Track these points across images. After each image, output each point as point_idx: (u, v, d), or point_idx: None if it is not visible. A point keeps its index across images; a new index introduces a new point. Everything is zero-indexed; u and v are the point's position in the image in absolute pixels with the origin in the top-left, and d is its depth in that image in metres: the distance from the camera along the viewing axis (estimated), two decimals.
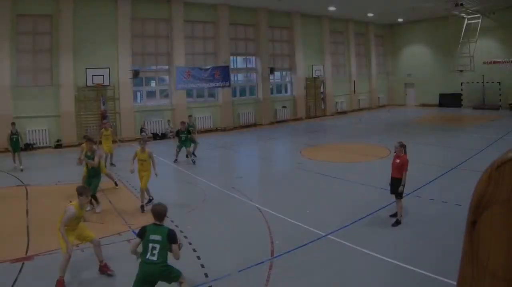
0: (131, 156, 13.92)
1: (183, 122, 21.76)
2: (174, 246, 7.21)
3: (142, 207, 13.08)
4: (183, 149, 20.89)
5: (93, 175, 13.47)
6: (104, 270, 8.80)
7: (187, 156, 20.88)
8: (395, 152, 11.63)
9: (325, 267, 8.74)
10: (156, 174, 13.29)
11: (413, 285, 8.06)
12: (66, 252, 8.21)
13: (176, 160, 21.13)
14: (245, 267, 8.81)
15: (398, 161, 11.24)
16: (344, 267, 8.85)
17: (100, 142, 15.39)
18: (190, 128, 21.54)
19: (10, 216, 12.84)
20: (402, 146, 11.38)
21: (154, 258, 7.03)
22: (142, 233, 7.32)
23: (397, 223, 11.04)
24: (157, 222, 7.39)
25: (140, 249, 7.33)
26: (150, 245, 7.11)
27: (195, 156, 21.50)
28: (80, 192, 8.72)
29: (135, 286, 7.07)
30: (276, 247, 9.84)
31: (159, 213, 7.44)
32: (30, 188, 16.36)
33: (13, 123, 21.09)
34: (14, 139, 20.09)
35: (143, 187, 13.24)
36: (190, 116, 25.06)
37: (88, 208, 12.15)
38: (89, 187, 11.64)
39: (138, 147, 13.70)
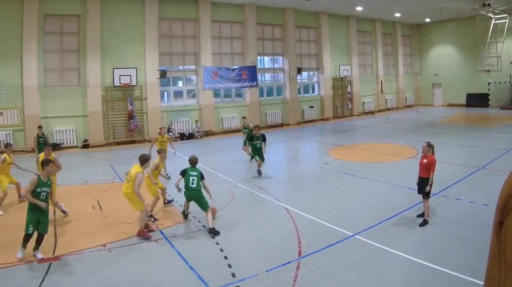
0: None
1: (257, 127, 18.04)
2: (204, 181, 11.16)
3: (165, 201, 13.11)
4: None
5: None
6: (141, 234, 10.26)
7: (259, 172, 16.88)
8: (422, 152, 11.28)
9: (352, 267, 8.37)
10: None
11: (440, 284, 7.59)
12: (144, 206, 10.31)
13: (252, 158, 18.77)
14: (272, 267, 8.46)
15: (425, 160, 10.87)
16: (371, 267, 8.41)
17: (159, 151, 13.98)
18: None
19: None
20: (430, 146, 11.03)
21: (194, 186, 10.92)
22: (184, 172, 11.15)
23: (424, 223, 10.61)
24: (193, 166, 11.35)
25: (182, 183, 11.09)
26: (191, 178, 10.97)
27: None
28: (142, 160, 10.83)
29: (185, 203, 11.47)
30: (304, 247, 9.45)
31: (194, 160, 11.52)
32: (57, 188, 14.50)
33: (40, 127, 20.01)
34: (41, 142, 18.76)
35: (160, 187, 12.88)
36: (244, 118, 24.36)
37: None
38: None
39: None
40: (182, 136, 29.16)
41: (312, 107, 36.92)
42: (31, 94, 24.68)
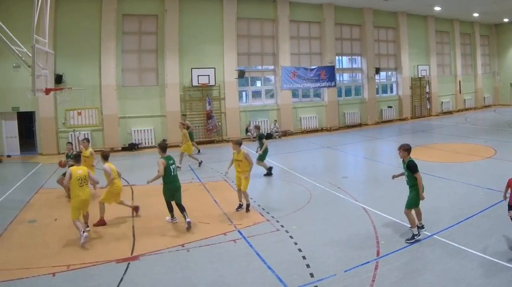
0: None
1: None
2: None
3: (247, 206, 10.56)
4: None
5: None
6: None
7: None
8: None
9: (430, 267, 7.02)
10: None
11: None
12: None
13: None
14: (350, 267, 7.16)
15: None
16: (450, 267, 6.98)
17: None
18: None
19: (116, 215, 10.42)
20: None
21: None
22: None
23: None
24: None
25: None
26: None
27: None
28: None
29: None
30: (382, 247, 7.99)
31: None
32: (135, 188, 13.37)
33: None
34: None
35: (243, 189, 10.44)
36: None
37: None
38: None
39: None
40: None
41: (391, 107, 30.64)
42: (110, 94, 20.72)
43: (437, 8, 30.20)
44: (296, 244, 8.38)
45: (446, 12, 31.91)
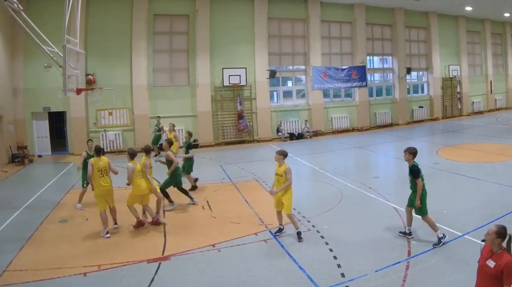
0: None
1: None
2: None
3: (298, 234, 8.03)
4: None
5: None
6: None
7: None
8: None
9: (461, 267, 6.49)
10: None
11: None
12: None
13: None
14: (381, 267, 6.61)
15: None
16: None
17: None
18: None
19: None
20: None
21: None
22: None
23: None
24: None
25: None
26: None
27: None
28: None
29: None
30: (413, 247, 7.38)
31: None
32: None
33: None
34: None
35: (286, 211, 7.94)
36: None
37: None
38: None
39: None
40: (292, 137, 22.47)
41: (422, 107, 28.11)
42: (141, 94, 19.16)
43: (468, 8, 27.59)
44: (327, 244, 7.84)
45: (477, 12, 29.21)
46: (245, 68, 21.10)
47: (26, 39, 16.33)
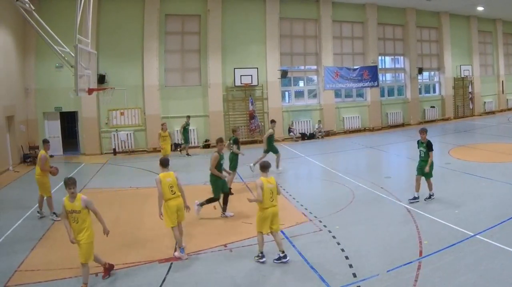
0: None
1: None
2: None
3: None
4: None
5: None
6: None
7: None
8: None
9: (473, 268, 6.29)
10: None
11: None
12: None
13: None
14: (393, 267, 6.42)
15: None
16: (493, 267, 6.25)
17: None
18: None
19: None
20: None
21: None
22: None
23: None
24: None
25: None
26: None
27: None
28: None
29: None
30: (425, 247, 7.14)
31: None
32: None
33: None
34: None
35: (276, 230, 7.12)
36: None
37: None
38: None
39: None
40: (303, 136, 21.83)
41: (433, 107, 27.25)
42: (152, 94, 18.62)
43: (480, 8, 26.65)
44: (338, 244, 7.66)
45: (489, 12, 28.22)
46: (257, 68, 20.46)
47: (38, 39, 15.90)
